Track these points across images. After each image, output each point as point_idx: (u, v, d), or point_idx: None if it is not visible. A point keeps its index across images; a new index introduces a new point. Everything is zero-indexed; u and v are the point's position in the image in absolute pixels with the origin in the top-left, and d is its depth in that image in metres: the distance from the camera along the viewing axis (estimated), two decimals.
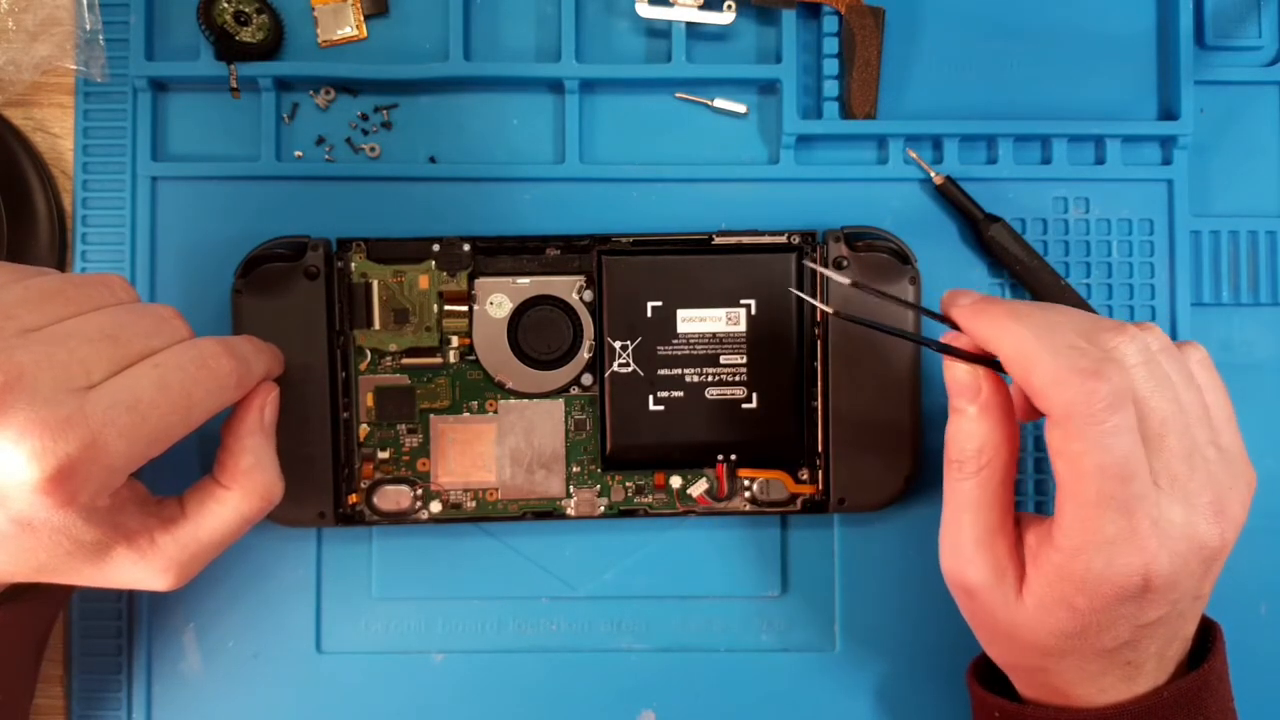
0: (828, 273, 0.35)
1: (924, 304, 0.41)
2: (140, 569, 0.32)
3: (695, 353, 0.40)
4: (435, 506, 0.41)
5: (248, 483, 0.34)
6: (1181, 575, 0.30)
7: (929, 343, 0.33)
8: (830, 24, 0.42)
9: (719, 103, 0.43)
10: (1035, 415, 0.33)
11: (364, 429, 0.40)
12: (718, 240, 0.40)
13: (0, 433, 0.27)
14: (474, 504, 0.41)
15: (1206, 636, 0.34)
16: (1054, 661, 0.32)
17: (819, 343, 0.40)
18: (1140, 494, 0.29)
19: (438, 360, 0.40)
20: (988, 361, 0.32)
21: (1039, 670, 0.33)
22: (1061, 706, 0.33)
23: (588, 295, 0.40)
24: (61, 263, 0.41)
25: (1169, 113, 0.43)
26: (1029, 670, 0.34)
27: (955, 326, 0.32)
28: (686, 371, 0.40)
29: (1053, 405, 0.29)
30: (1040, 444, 0.43)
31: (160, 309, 0.33)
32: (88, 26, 0.41)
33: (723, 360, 0.40)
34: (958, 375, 0.32)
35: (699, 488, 0.41)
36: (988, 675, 0.36)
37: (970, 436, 0.32)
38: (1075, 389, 0.28)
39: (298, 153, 0.42)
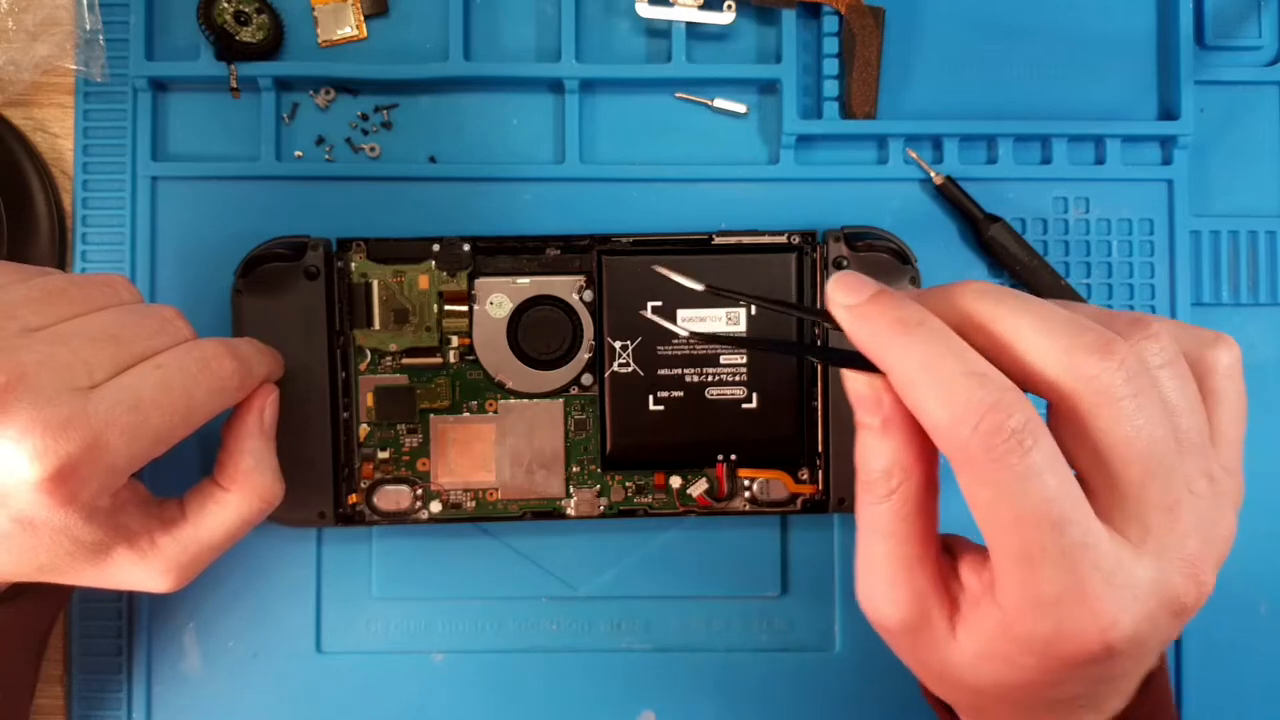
0: (676, 277, 0.30)
1: None
2: (140, 570, 0.32)
3: (695, 353, 0.40)
4: (435, 506, 0.41)
5: (248, 484, 0.34)
6: (1149, 635, 0.25)
7: (809, 348, 0.28)
8: (830, 24, 0.42)
9: (719, 103, 0.43)
10: None
11: (364, 429, 0.40)
12: (718, 240, 0.40)
13: (2, 432, 0.27)
14: (474, 504, 0.41)
15: None
16: (991, 703, 0.28)
17: (819, 342, 0.40)
18: (1082, 543, 0.24)
19: (438, 360, 0.40)
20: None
21: (977, 709, 0.29)
22: None
23: (588, 295, 0.40)
24: (62, 263, 0.41)
25: (1169, 113, 0.43)
26: (967, 707, 0.30)
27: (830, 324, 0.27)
28: (686, 371, 0.40)
29: (943, 442, 0.24)
30: None
31: (163, 309, 0.33)
32: (88, 26, 0.41)
33: (723, 360, 0.40)
34: (855, 386, 0.27)
35: (699, 488, 0.41)
36: None
37: (877, 455, 0.27)
38: (969, 425, 0.23)
39: (298, 153, 0.42)
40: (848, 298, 0.26)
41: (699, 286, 0.29)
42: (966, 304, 0.26)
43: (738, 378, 0.40)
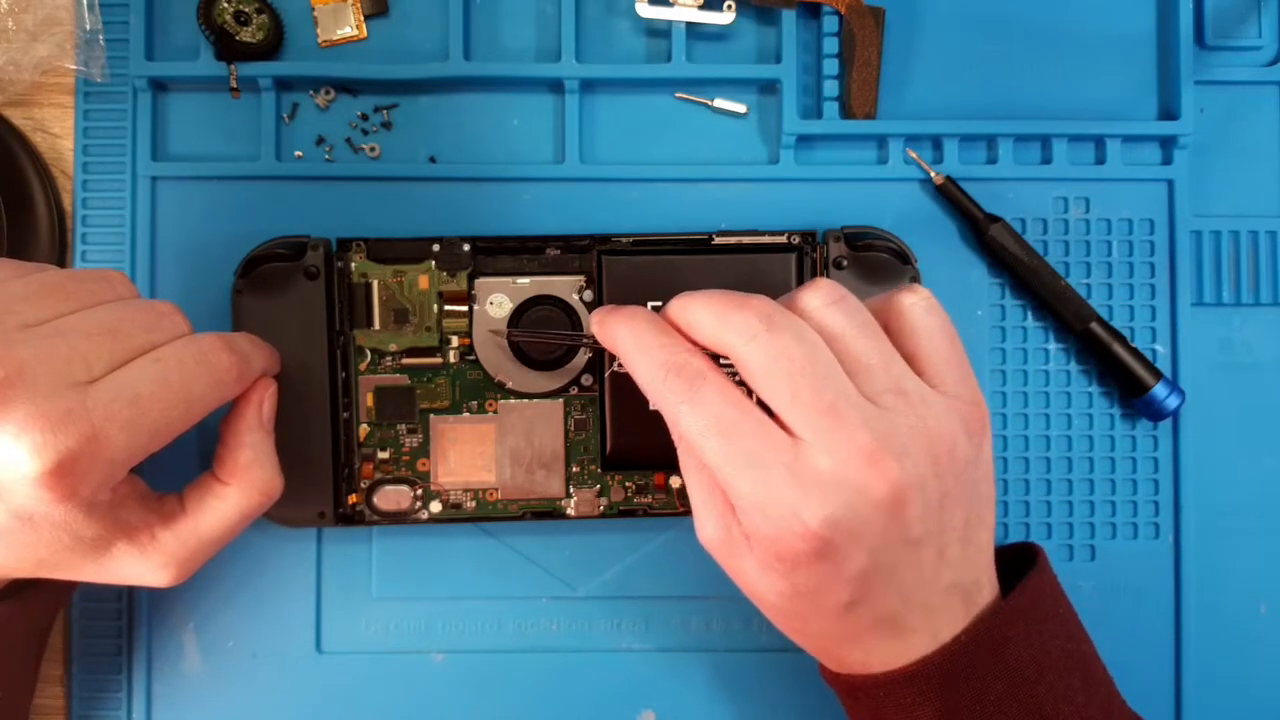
0: (498, 331, 0.39)
1: None
2: (141, 564, 0.32)
3: None
4: (435, 506, 0.41)
5: (247, 478, 0.34)
6: (854, 522, 0.29)
7: (586, 341, 0.36)
8: (830, 24, 0.42)
9: (719, 103, 0.43)
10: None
11: (364, 429, 0.40)
12: (718, 240, 0.40)
13: (1, 427, 0.27)
14: (474, 504, 0.41)
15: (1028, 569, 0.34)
16: (799, 624, 0.32)
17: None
18: (758, 443, 0.29)
19: (438, 360, 0.40)
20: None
21: (799, 635, 0.33)
22: (854, 674, 0.33)
23: (588, 295, 0.40)
24: (61, 262, 0.41)
25: (1169, 113, 0.43)
26: (798, 642, 0.34)
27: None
28: None
29: (650, 396, 0.32)
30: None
31: (160, 304, 0.33)
32: (88, 26, 0.41)
33: (722, 360, 0.40)
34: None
35: None
36: None
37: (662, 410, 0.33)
38: (659, 378, 0.30)
39: (298, 153, 0.42)
40: (598, 313, 0.34)
41: (503, 331, 0.39)
42: (667, 309, 0.33)
43: (737, 378, 0.40)
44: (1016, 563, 0.35)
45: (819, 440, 0.29)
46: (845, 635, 0.32)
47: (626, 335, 0.32)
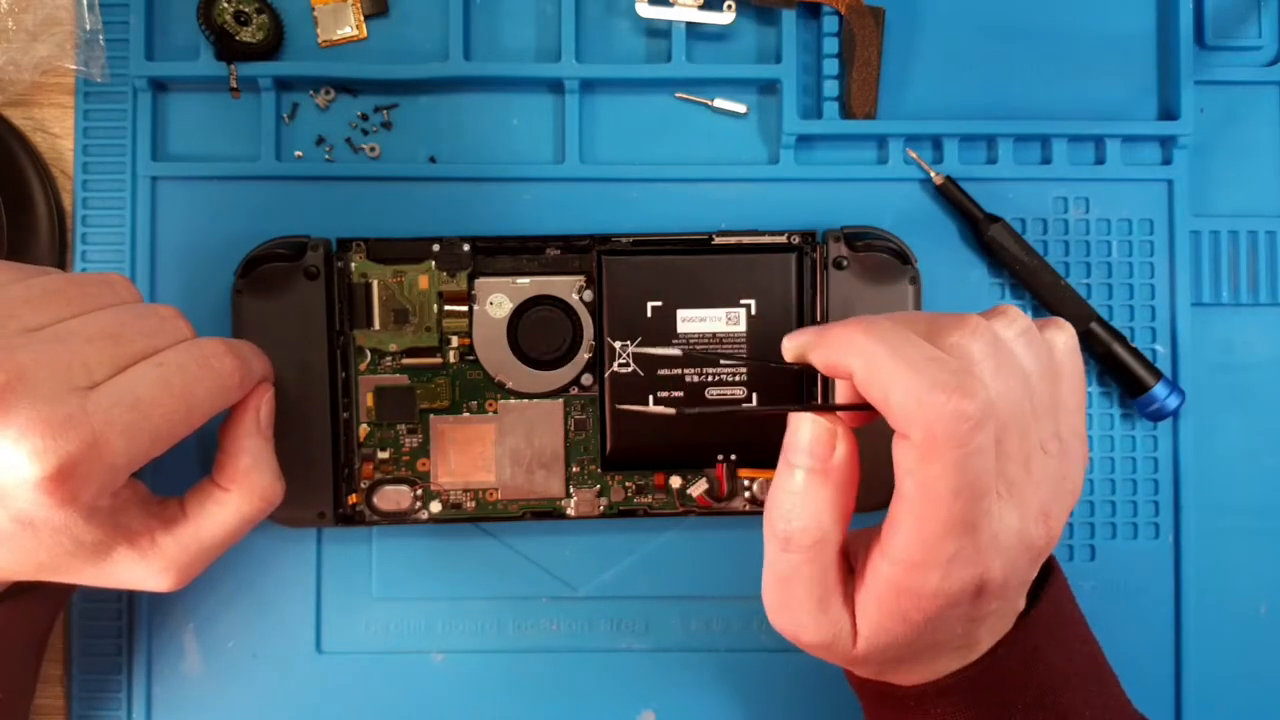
0: (656, 350, 0.35)
1: (923, 308, 0.41)
2: (141, 569, 0.32)
3: (695, 353, 0.40)
4: (435, 506, 0.41)
5: (247, 484, 0.34)
6: (1012, 575, 0.29)
7: (776, 410, 0.31)
8: (830, 24, 0.42)
9: (719, 103, 0.43)
10: (866, 421, 0.31)
11: (364, 429, 0.40)
12: (718, 240, 0.40)
13: (1, 432, 0.27)
14: (474, 504, 0.41)
15: (1043, 577, 0.34)
16: (890, 664, 0.32)
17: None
18: (987, 510, 0.27)
19: (438, 360, 0.40)
20: (842, 406, 0.30)
21: (876, 670, 0.33)
22: (887, 682, 0.33)
23: (588, 295, 0.40)
24: (61, 262, 0.41)
25: (1169, 113, 0.43)
26: (867, 672, 0.34)
27: (793, 365, 0.31)
28: (686, 371, 0.40)
29: (912, 426, 0.26)
30: None
31: (162, 309, 0.33)
32: (88, 26, 0.41)
33: (722, 361, 0.40)
34: (814, 430, 0.29)
35: (699, 488, 0.41)
36: None
37: (804, 507, 0.29)
38: (939, 409, 0.26)
39: (298, 153, 0.42)
40: (802, 337, 0.30)
41: (676, 352, 0.33)
42: (891, 319, 0.29)
43: (737, 378, 0.40)
44: None
45: (1013, 494, 0.28)
46: (925, 661, 0.32)
47: (876, 346, 0.27)
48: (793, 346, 0.31)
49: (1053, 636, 0.32)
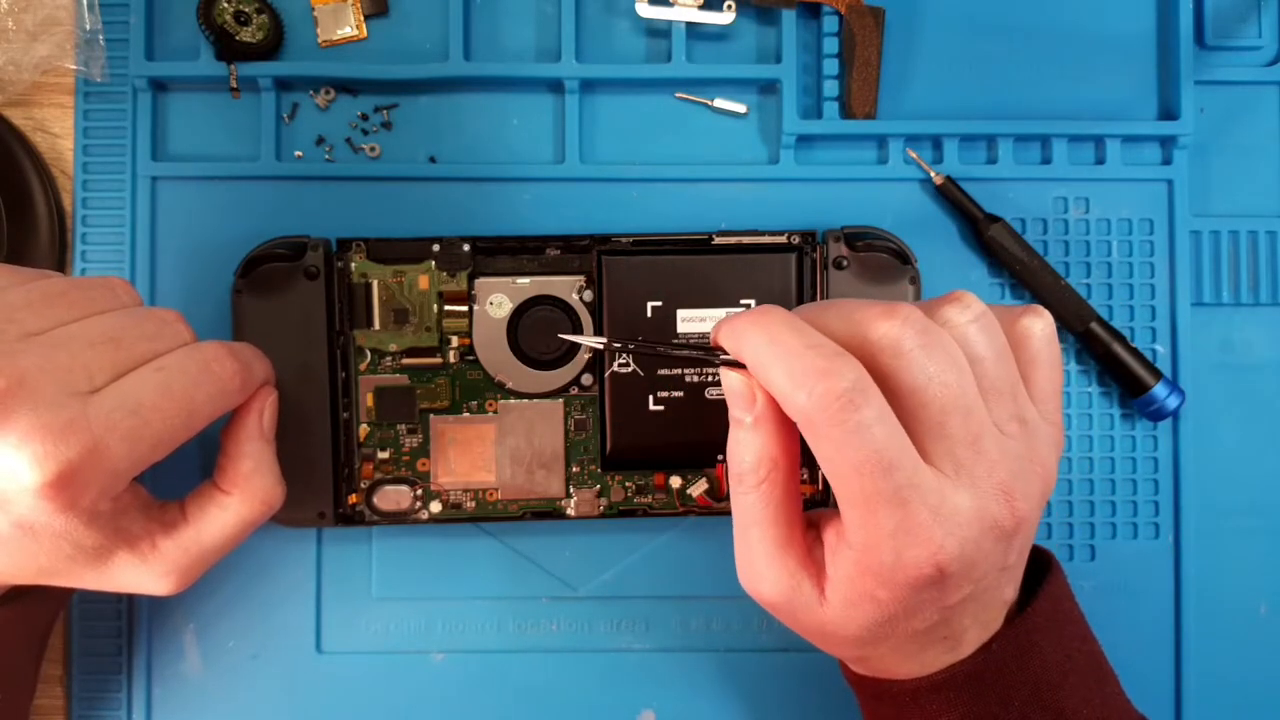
0: (582, 340, 0.36)
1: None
2: (141, 573, 0.32)
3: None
4: (435, 506, 0.41)
5: (248, 488, 0.34)
6: (977, 556, 0.28)
7: (698, 349, 0.32)
8: (830, 24, 0.42)
9: (719, 103, 0.43)
10: None
11: (364, 429, 0.40)
12: (718, 240, 0.40)
13: (2, 437, 0.27)
14: (474, 504, 0.41)
15: (1041, 574, 0.34)
16: (870, 649, 0.32)
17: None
18: (910, 483, 0.27)
19: (438, 360, 0.40)
20: None
21: (860, 659, 0.33)
22: (882, 679, 0.33)
23: (588, 295, 0.40)
24: (61, 263, 0.41)
25: (1169, 113, 0.43)
26: (851, 659, 0.34)
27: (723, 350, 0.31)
28: (686, 371, 0.40)
29: (792, 411, 0.28)
30: None
31: (163, 312, 0.33)
32: (88, 26, 0.41)
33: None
34: (731, 383, 0.30)
35: (699, 488, 0.41)
36: None
37: (748, 448, 0.30)
38: (810, 391, 0.27)
39: (298, 153, 0.42)
40: (721, 323, 0.31)
41: (599, 344, 0.34)
42: (796, 312, 0.30)
43: None
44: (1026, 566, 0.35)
45: (962, 475, 0.28)
46: (910, 653, 0.32)
47: (758, 335, 0.29)
48: (713, 333, 0.32)
49: (1050, 634, 0.32)
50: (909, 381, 0.28)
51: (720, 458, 0.40)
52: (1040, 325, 0.31)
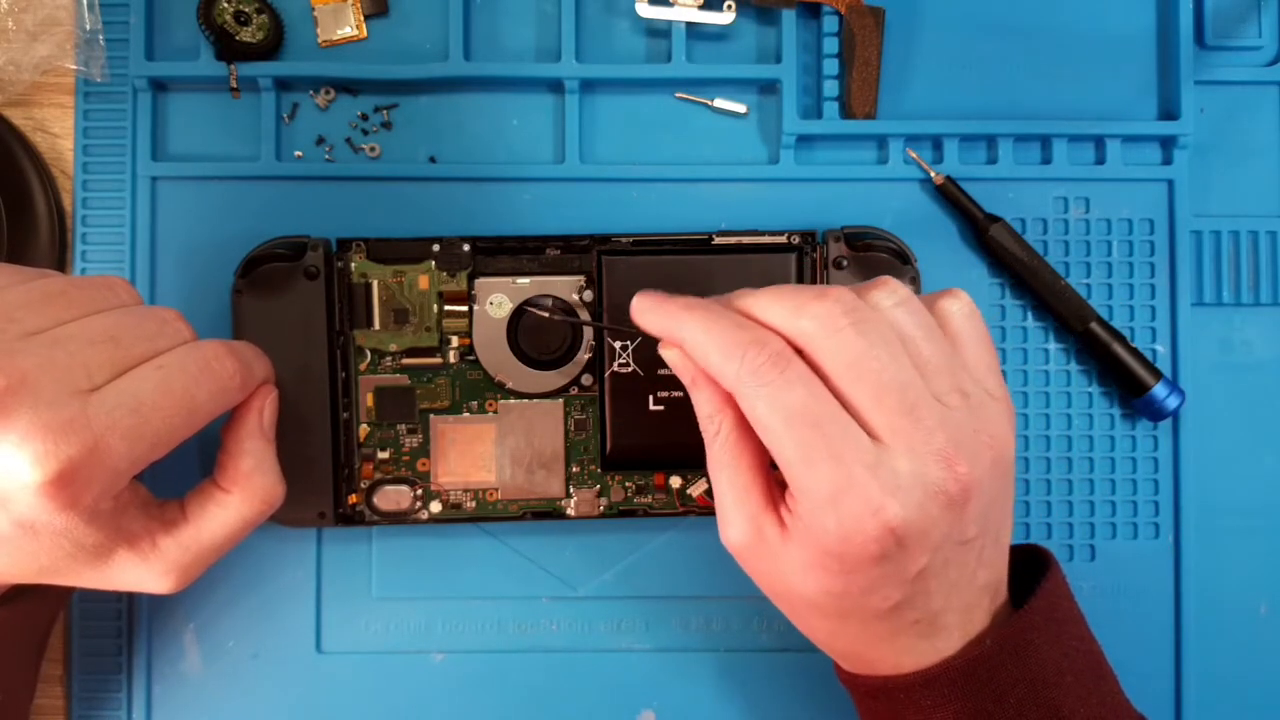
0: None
1: None
2: (142, 571, 0.32)
3: None
4: (435, 506, 0.41)
5: (248, 486, 0.34)
6: (925, 524, 0.29)
7: (624, 329, 0.34)
8: (830, 24, 0.42)
9: (719, 103, 0.43)
10: None
11: (364, 429, 0.40)
12: (718, 240, 0.40)
13: (2, 436, 0.27)
14: (474, 504, 0.41)
15: (1040, 573, 0.34)
16: (837, 624, 0.32)
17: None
18: (843, 438, 0.29)
19: (438, 360, 0.40)
20: None
21: (831, 637, 0.33)
22: (874, 676, 0.33)
23: (588, 295, 0.40)
24: (61, 263, 0.41)
25: (1169, 113, 0.43)
26: (824, 643, 0.34)
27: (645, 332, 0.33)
28: None
29: (725, 381, 0.30)
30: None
31: (162, 311, 0.33)
32: (88, 26, 0.41)
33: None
34: (671, 359, 0.33)
35: (699, 488, 0.41)
36: None
37: (700, 404, 0.32)
38: (739, 360, 0.29)
39: (298, 153, 0.42)
40: (645, 300, 0.33)
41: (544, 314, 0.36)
42: (731, 299, 0.32)
43: None
44: (1023, 565, 0.35)
45: (899, 441, 0.29)
46: (882, 636, 0.32)
47: (692, 318, 0.31)
48: (635, 309, 0.33)
49: (1048, 632, 0.32)
50: (845, 357, 0.29)
51: None
52: (957, 305, 0.32)
